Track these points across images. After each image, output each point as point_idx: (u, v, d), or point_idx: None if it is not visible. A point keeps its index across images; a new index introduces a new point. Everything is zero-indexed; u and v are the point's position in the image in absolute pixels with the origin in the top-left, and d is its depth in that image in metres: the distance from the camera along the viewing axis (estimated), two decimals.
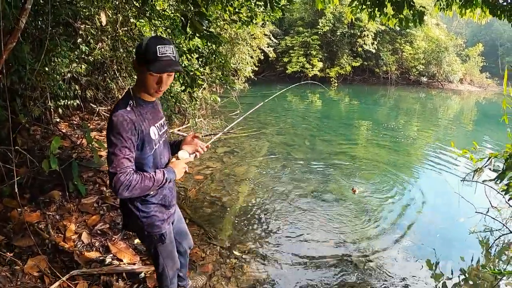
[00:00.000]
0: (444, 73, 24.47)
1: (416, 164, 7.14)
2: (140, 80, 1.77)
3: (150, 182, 1.76)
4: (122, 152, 1.67)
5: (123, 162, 1.66)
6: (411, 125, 11.36)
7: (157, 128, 1.91)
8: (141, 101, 1.82)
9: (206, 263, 3.25)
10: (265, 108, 12.94)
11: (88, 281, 2.70)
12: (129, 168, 1.69)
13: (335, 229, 4.10)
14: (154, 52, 1.66)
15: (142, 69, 1.70)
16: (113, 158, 1.66)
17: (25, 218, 3.13)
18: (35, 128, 5.09)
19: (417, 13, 4.83)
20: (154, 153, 1.88)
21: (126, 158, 1.68)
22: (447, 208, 4.96)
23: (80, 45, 5.29)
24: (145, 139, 1.79)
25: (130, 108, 1.74)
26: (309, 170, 6.04)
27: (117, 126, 1.66)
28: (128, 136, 1.69)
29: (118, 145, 1.66)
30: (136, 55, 1.72)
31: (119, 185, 1.64)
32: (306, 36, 22.66)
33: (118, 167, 1.65)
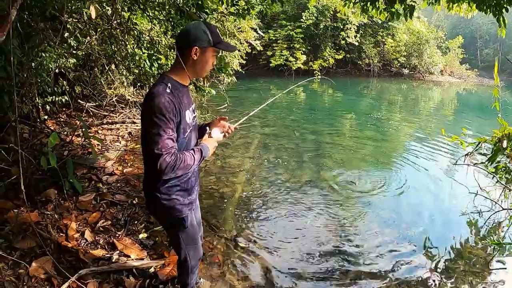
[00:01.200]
0: (425, 65, 24.91)
1: (404, 152, 7.25)
2: (197, 63, 1.84)
3: (192, 161, 1.81)
4: (166, 132, 1.69)
5: (167, 143, 1.68)
6: (395, 115, 11.53)
7: (190, 112, 1.94)
8: (178, 85, 1.85)
9: (216, 254, 3.23)
10: (252, 101, 12.96)
11: (98, 280, 2.61)
12: (173, 149, 1.72)
13: (332, 215, 4.18)
14: (217, 35, 1.83)
15: (206, 50, 1.82)
16: (158, 139, 1.67)
17: (24, 218, 3.01)
18: (22, 127, 4.90)
19: (408, 7, 4.89)
20: (186, 137, 1.90)
21: (170, 138, 1.71)
22: (437, 191, 5.08)
23: (67, 39, 5.12)
24: (182, 121, 1.82)
25: (170, 90, 1.76)
26: (301, 160, 6.08)
27: (160, 107, 1.67)
28: (170, 117, 1.71)
29: (162, 126, 1.68)
30: (198, 41, 1.78)
31: (165, 165, 1.67)
32: (289, 30, 22.63)
33: (163, 148, 1.66)
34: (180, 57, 1.84)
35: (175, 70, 1.87)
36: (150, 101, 1.70)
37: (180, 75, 1.86)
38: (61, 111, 6.48)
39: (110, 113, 7.23)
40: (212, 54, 1.86)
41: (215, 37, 1.82)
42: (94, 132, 6.16)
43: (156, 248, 3.18)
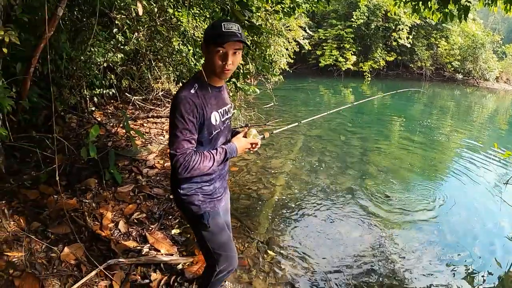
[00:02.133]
0: (480, 70, 23.35)
1: (452, 163, 6.77)
2: (207, 61, 1.76)
3: (210, 162, 1.77)
4: (183, 133, 1.68)
5: (183, 144, 1.68)
6: (445, 123, 10.87)
7: (219, 114, 1.86)
8: (205, 84, 1.79)
9: (245, 257, 3.13)
10: (299, 101, 12.78)
11: (125, 271, 2.62)
12: (189, 150, 1.70)
13: (371, 227, 3.93)
14: (219, 27, 1.66)
15: (209, 47, 1.69)
16: (174, 139, 1.69)
17: (62, 205, 3.09)
18: (70, 116, 5.12)
19: (462, 7, 4.58)
20: (212, 137, 1.85)
21: (186, 140, 1.69)
22: (484, 211, 4.65)
23: (116, 35, 5.28)
24: (205, 123, 1.77)
25: (194, 91, 1.73)
26: (345, 166, 5.84)
27: (179, 108, 1.67)
28: (189, 118, 1.68)
29: (179, 127, 1.67)
30: (204, 36, 1.74)
31: (178, 165, 1.68)
32: (340, 29, 22.11)
33: (178, 149, 1.68)
34: None
35: (205, 69, 1.80)
36: (173, 101, 1.71)
37: (206, 74, 1.79)
38: (109, 103, 6.71)
39: (156, 107, 7.38)
40: (216, 51, 1.68)
41: (215, 30, 1.66)
42: (140, 125, 6.31)
43: (187, 245, 3.15)
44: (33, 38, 3.42)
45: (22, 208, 3.02)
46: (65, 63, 4.26)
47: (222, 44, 1.64)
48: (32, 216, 2.98)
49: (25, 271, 2.40)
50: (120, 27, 5.46)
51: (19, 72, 3.18)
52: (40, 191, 3.31)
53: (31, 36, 3.43)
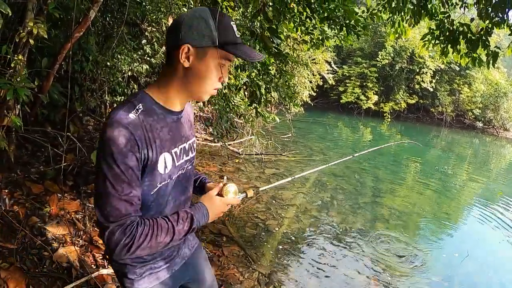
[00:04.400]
0: (501, 119, 23.01)
1: (467, 212, 6.57)
2: (185, 73, 1.12)
3: (167, 236, 1.11)
4: (117, 190, 1.02)
5: (119, 208, 1.03)
6: (462, 171, 10.64)
7: (173, 156, 1.20)
8: (157, 108, 1.14)
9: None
10: (317, 135, 12.72)
11: (116, 284, 2.51)
12: (131, 218, 1.05)
13: (379, 272, 3.74)
14: (228, 29, 1.11)
15: (205, 51, 1.09)
16: (104, 199, 1.03)
17: (64, 205, 3.03)
18: (88, 119, 5.14)
19: (491, 53, 4.52)
20: (158, 192, 1.18)
21: (124, 200, 1.04)
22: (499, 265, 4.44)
23: (144, 46, 5.37)
24: (147, 170, 1.11)
25: (136, 115, 1.06)
26: (357, 205, 5.68)
27: (110, 144, 1.01)
28: (126, 163, 1.02)
29: (111, 179, 1.02)
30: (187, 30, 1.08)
31: (115, 242, 1.02)
32: (364, 67, 22.29)
33: (112, 216, 1.02)
34: (167, 65, 1.17)
35: (157, 84, 1.18)
36: (102, 132, 1.05)
37: (164, 93, 1.16)
38: None
39: None
40: (219, 61, 1.12)
41: (226, 34, 1.10)
42: None
43: None
44: (63, 36, 3.48)
45: (24, 200, 2.98)
46: (90, 66, 4.32)
47: (234, 54, 1.13)
48: (32, 211, 2.93)
49: (14, 264, 2.33)
50: (149, 39, 5.56)
51: (44, 67, 3.20)
52: (45, 187, 3.28)
53: (61, 33, 3.48)
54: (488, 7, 4.47)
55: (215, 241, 3.68)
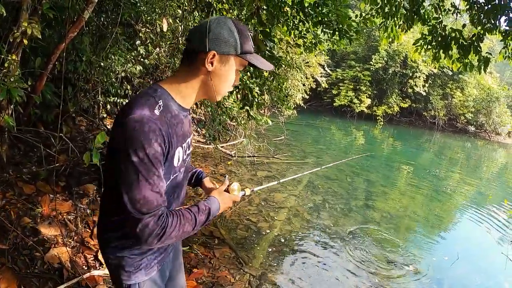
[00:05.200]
0: (493, 124, 23.30)
1: (458, 216, 6.64)
2: (207, 75, 1.21)
3: (190, 225, 1.19)
4: (150, 182, 1.07)
5: (152, 200, 1.08)
6: (454, 175, 10.75)
7: (183, 150, 1.28)
8: (174, 105, 1.21)
9: None
10: (309, 137, 12.78)
11: (108, 285, 2.51)
12: (161, 209, 1.11)
13: (370, 275, 3.75)
14: (249, 40, 1.24)
15: (227, 59, 1.20)
16: (136, 192, 1.06)
17: (56, 205, 3.03)
18: (81, 119, 5.13)
19: (483, 59, 4.60)
20: (171, 183, 1.25)
21: (156, 192, 1.09)
22: (488, 269, 4.49)
23: (138, 47, 5.36)
24: (166, 163, 1.18)
25: (159, 112, 1.12)
26: (349, 208, 5.71)
27: (141, 139, 1.04)
28: (157, 158, 1.08)
29: (143, 172, 1.05)
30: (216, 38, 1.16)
31: (148, 233, 1.08)
32: (358, 71, 22.51)
33: (145, 207, 1.07)
34: (187, 65, 1.23)
35: (176, 82, 1.23)
36: (127, 124, 1.06)
37: (183, 91, 1.23)
38: None
39: None
40: (237, 68, 1.25)
41: (246, 44, 1.22)
42: None
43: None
44: (57, 36, 3.47)
45: (16, 201, 2.96)
46: (84, 66, 4.31)
47: (251, 62, 1.24)
48: (24, 211, 2.91)
49: (6, 265, 2.32)
50: (143, 40, 5.56)
51: (37, 67, 3.19)
52: (37, 187, 3.26)
53: (55, 33, 3.47)
54: (480, 14, 4.55)
55: (207, 243, 3.69)
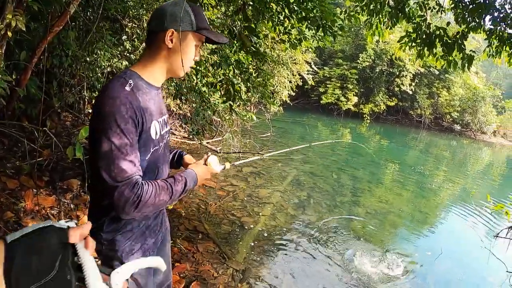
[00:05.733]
0: (479, 123, 23.74)
1: (442, 212, 6.78)
2: (169, 53, 1.32)
3: (167, 195, 1.26)
4: (122, 152, 1.15)
5: (125, 169, 1.15)
6: (439, 172, 10.93)
7: (159, 125, 1.36)
8: (143, 83, 1.30)
9: (217, 284, 3.03)
10: (296, 134, 12.85)
11: None
12: (135, 177, 1.18)
13: (353, 269, 3.82)
14: (204, 19, 1.35)
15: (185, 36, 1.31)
16: (110, 162, 1.14)
17: (40, 200, 3.02)
18: (66, 115, 5.09)
19: (467, 57, 4.68)
20: (151, 157, 1.33)
21: (129, 161, 1.17)
22: (472, 263, 4.63)
23: (124, 42, 5.34)
24: (143, 136, 1.26)
25: (130, 88, 1.22)
26: (334, 204, 5.78)
27: (113, 113, 1.14)
28: (129, 129, 1.17)
29: (116, 142, 1.14)
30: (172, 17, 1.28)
31: (124, 201, 1.15)
32: (345, 69, 22.64)
33: (119, 176, 1.14)
34: (150, 45, 1.34)
35: (142, 63, 1.34)
36: (101, 102, 1.17)
37: (149, 70, 1.33)
38: None
39: None
40: (195, 44, 1.36)
41: (201, 21, 1.33)
42: None
43: None
44: (42, 29, 3.44)
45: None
46: (69, 60, 4.28)
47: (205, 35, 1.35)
48: (7, 205, 2.90)
49: None
50: (129, 35, 5.53)
51: (22, 60, 3.17)
52: (20, 182, 3.25)
53: (41, 27, 3.45)
54: (465, 12, 4.63)
55: (191, 238, 3.70)
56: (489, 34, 4.73)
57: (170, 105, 8.04)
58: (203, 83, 5.63)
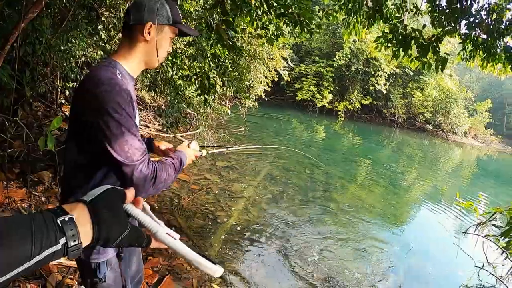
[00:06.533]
0: (450, 124, 24.68)
1: (413, 209, 7.01)
2: (145, 45, 1.35)
3: (172, 170, 1.32)
4: (132, 132, 1.18)
5: (138, 147, 1.19)
6: (411, 170, 11.25)
7: (138, 114, 1.40)
8: (126, 74, 1.34)
9: (191, 277, 3.05)
10: (270, 130, 12.92)
11: (62, 273, 2.50)
12: (147, 154, 1.24)
13: (324, 265, 3.89)
14: (178, 12, 1.39)
15: (162, 28, 1.35)
16: (124, 143, 1.16)
17: (10, 193, 2.95)
18: (38, 105, 4.96)
19: (441, 59, 4.82)
20: None
21: (139, 140, 1.21)
22: (441, 258, 4.78)
23: (100, 31, 5.23)
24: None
25: (120, 77, 1.25)
26: (306, 199, 5.87)
27: (115, 98, 1.16)
28: (131, 112, 1.21)
29: (125, 124, 1.16)
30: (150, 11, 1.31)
31: (143, 178, 1.18)
32: (321, 67, 22.92)
33: (135, 155, 1.17)
34: (127, 37, 1.36)
35: (122, 54, 1.36)
36: (99, 90, 1.16)
37: (129, 61, 1.36)
38: None
39: None
40: (169, 37, 1.40)
41: (176, 15, 1.38)
42: None
43: None
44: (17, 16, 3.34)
45: None
46: (43, 49, 4.16)
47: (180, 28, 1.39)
48: None
49: None
50: (105, 25, 5.42)
51: None
52: None
53: (15, 13, 3.35)
54: (441, 16, 4.77)
55: None
56: (464, 38, 4.89)
57: (144, 97, 7.96)
58: (179, 76, 5.60)
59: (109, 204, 0.69)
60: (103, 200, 0.69)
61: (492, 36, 4.70)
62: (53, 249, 0.57)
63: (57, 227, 0.58)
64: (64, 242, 0.59)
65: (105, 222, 0.66)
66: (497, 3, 4.71)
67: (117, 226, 0.68)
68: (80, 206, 0.65)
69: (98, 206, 0.67)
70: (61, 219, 0.60)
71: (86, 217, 0.64)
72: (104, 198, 0.69)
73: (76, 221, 0.61)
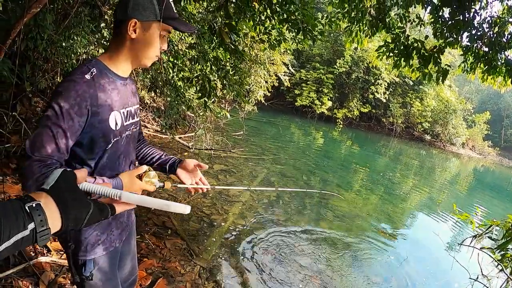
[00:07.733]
0: (448, 134, 24.81)
1: (409, 219, 6.99)
2: (132, 43, 1.29)
3: None
4: (52, 131, 1.13)
5: (46, 147, 1.12)
6: (407, 180, 11.27)
7: (121, 115, 1.34)
8: (108, 73, 1.29)
9: (184, 281, 3.02)
10: (269, 135, 12.92)
11: (55, 272, 2.47)
12: (52, 160, 1.12)
13: (320, 272, 3.87)
14: (170, 7, 1.31)
15: (150, 24, 1.27)
16: (38, 134, 1.12)
17: (5, 188, 2.92)
18: (37, 100, 4.93)
19: (442, 70, 4.83)
20: (112, 148, 1.34)
21: (55, 143, 1.13)
22: (436, 270, 4.76)
23: (102, 30, 5.21)
24: (99, 126, 1.25)
25: (91, 77, 1.21)
26: (303, 206, 5.86)
27: (61, 94, 1.14)
28: (70, 113, 1.15)
29: (52, 119, 1.13)
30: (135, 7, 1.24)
31: (30, 174, 1.07)
32: (321, 73, 22.98)
33: (39, 150, 1.10)
34: (115, 35, 1.32)
35: (108, 53, 1.32)
36: (58, 86, 1.18)
37: (114, 60, 1.31)
38: None
39: None
40: (160, 33, 1.31)
41: (166, 10, 1.29)
42: None
43: None
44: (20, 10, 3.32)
45: None
46: (44, 44, 4.14)
47: (171, 24, 1.30)
48: None
49: None
50: (108, 23, 5.41)
51: None
52: None
53: (18, 7, 3.33)
54: (443, 27, 4.78)
55: (159, 233, 3.68)
56: (465, 50, 4.91)
57: (144, 97, 7.94)
58: (179, 77, 5.58)
59: (69, 187, 0.71)
60: (62, 184, 0.71)
61: (494, 49, 4.71)
62: (21, 234, 0.58)
63: (25, 213, 0.60)
64: (33, 227, 0.60)
65: (70, 206, 0.68)
66: (500, 17, 4.74)
67: (81, 206, 0.71)
68: (43, 194, 0.66)
69: (60, 191, 0.69)
70: (29, 205, 0.61)
71: (51, 204, 0.65)
72: (62, 183, 0.71)
73: (43, 207, 0.63)
